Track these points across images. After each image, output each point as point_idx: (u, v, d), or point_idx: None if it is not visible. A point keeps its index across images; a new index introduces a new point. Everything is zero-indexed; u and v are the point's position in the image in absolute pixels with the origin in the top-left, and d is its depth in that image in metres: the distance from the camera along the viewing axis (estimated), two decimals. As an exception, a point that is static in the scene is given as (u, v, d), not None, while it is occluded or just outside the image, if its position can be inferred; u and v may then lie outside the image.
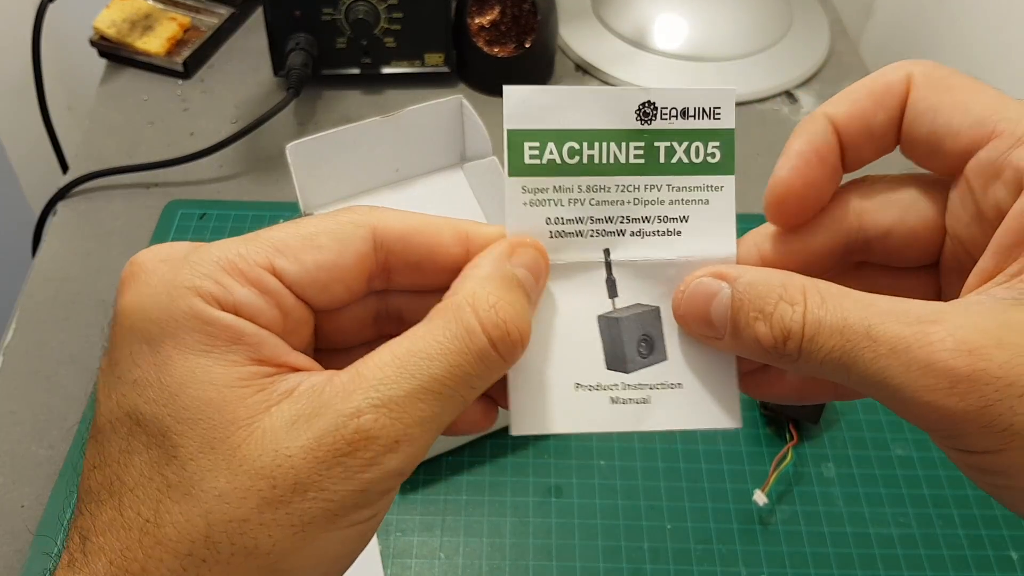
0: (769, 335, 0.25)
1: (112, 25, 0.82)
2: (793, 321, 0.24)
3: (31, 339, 0.63)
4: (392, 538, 0.53)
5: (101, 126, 0.79)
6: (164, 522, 0.23)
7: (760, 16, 0.88)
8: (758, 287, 0.26)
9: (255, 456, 0.23)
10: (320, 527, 0.23)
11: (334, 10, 0.76)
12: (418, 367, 0.24)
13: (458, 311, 0.25)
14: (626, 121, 0.28)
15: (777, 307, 0.25)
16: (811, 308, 0.24)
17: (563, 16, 0.83)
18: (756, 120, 0.81)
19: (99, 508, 0.24)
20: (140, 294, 0.25)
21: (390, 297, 0.29)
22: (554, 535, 0.53)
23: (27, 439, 0.57)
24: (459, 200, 0.62)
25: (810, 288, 0.25)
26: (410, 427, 0.24)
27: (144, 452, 0.24)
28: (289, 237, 0.26)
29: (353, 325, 0.29)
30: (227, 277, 0.25)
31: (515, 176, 0.28)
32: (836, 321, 0.24)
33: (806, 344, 0.24)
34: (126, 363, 0.25)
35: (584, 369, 0.28)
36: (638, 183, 0.28)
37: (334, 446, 0.23)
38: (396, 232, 0.27)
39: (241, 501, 0.23)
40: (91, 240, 0.70)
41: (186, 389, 0.24)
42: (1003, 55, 0.74)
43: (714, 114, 0.28)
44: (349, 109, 0.80)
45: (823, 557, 0.53)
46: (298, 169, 0.56)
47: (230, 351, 0.24)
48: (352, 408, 0.23)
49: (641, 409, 0.28)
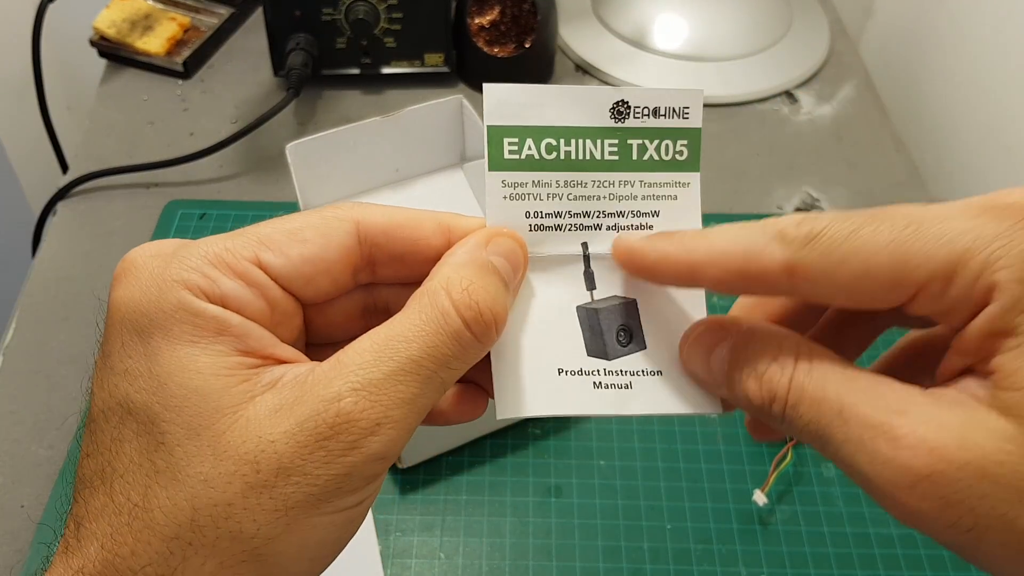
0: (758, 394, 0.25)
1: (112, 25, 0.82)
2: (780, 385, 0.25)
3: (31, 339, 0.63)
4: (392, 538, 0.53)
5: (101, 126, 0.79)
6: (152, 506, 0.24)
7: (760, 16, 0.88)
8: (755, 344, 0.26)
9: (239, 442, 0.24)
10: (304, 511, 0.24)
11: (334, 10, 0.76)
12: (395, 350, 0.25)
13: (433, 295, 0.26)
14: (601, 119, 0.29)
15: (769, 368, 0.25)
16: (798, 373, 0.25)
17: (563, 16, 0.83)
18: (756, 120, 0.81)
19: (92, 495, 0.25)
20: (131, 288, 0.25)
21: (377, 290, 0.30)
22: (554, 535, 0.53)
23: (27, 439, 0.57)
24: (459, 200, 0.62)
25: (803, 351, 0.25)
26: (390, 409, 0.24)
27: (134, 439, 0.24)
28: (275, 232, 0.27)
29: (342, 319, 0.29)
30: (214, 270, 0.25)
31: (495, 170, 0.29)
32: (816, 392, 0.24)
33: (788, 410, 0.25)
34: (118, 354, 0.25)
35: (566, 355, 0.29)
36: (613, 179, 0.29)
37: (316, 430, 0.24)
38: (379, 226, 0.28)
39: (226, 486, 0.23)
40: (91, 240, 0.70)
41: (173, 377, 0.24)
42: (1003, 55, 0.74)
43: (683, 113, 0.29)
44: (349, 109, 0.80)
45: (823, 557, 0.53)
46: (298, 169, 0.56)
47: (216, 341, 0.25)
48: (332, 392, 0.24)
49: (624, 394, 0.29)
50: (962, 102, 0.80)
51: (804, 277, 0.24)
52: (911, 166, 0.77)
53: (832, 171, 0.77)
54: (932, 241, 0.23)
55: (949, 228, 0.23)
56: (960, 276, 0.22)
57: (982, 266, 0.22)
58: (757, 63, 0.85)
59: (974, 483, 0.21)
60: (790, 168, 0.77)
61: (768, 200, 0.74)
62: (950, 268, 0.22)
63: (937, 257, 0.22)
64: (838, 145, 0.79)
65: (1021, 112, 0.72)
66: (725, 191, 0.74)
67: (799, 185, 0.75)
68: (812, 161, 0.77)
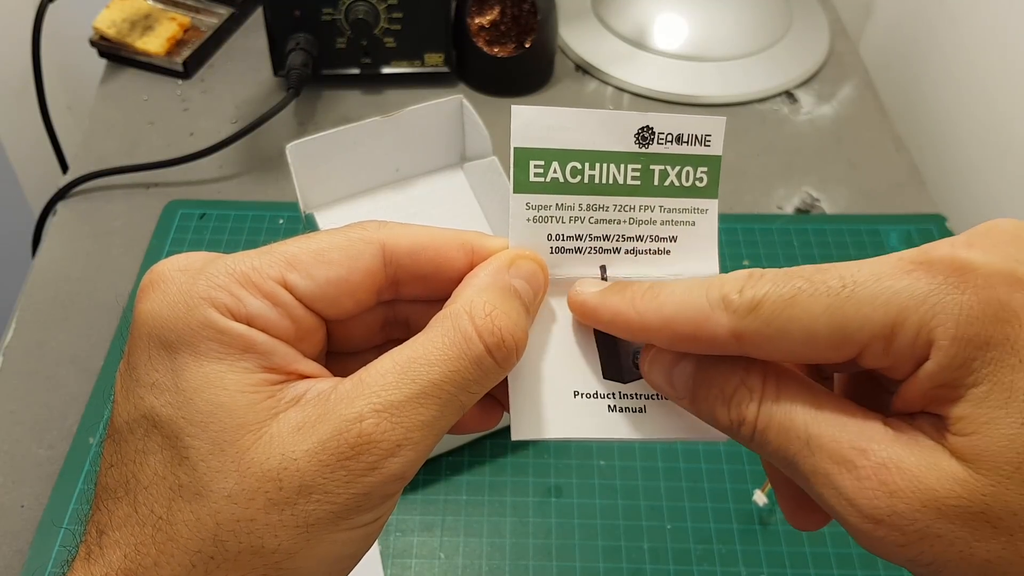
0: (727, 418, 0.26)
1: (112, 25, 0.82)
2: (749, 411, 0.25)
3: (31, 339, 0.63)
4: (392, 538, 0.53)
5: (101, 126, 0.79)
6: (176, 520, 0.24)
7: (760, 16, 0.88)
8: (721, 366, 0.26)
9: (263, 459, 0.24)
10: (324, 528, 0.24)
11: (334, 10, 0.76)
12: (418, 373, 0.25)
13: (456, 319, 0.26)
14: (626, 143, 0.29)
15: (737, 392, 0.26)
16: (767, 399, 0.25)
17: (563, 16, 0.83)
18: (756, 120, 0.81)
19: (115, 504, 0.25)
20: (158, 302, 0.26)
21: (398, 305, 0.30)
22: (554, 535, 0.53)
23: (27, 439, 0.57)
24: (459, 200, 0.62)
25: (770, 374, 0.25)
26: (411, 431, 0.25)
27: (159, 452, 0.25)
28: (301, 251, 0.27)
29: (362, 332, 0.30)
30: (241, 289, 0.26)
31: (520, 193, 0.29)
32: (783, 420, 0.25)
33: (758, 435, 0.25)
34: (144, 367, 0.26)
35: (582, 378, 0.29)
36: (634, 203, 0.29)
37: (338, 450, 0.24)
38: (405, 247, 0.28)
39: (248, 502, 0.24)
40: (91, 240, 0.70)
41: (200, 393, 0.25)
42: (1003, 55, 0.74)
43: (705, 141, 0.29)
44: (349, 109, 0.80)
45: (823, 557, 0.53)
46: (298, 169, 0.56)
47: (242, 359, 0.25)
48: (355, 413, 0.24)
49: (638, 418, 0.29)
50: (962, 102, 0.80)
51: (751, 344, 0.24)
52: (911, 166, 0.77)
53: (832, 171, 0.77)
54: (868, 304, 0.23)
55: (884, 288, 0.23)
56: (899, 336, 0.23)
57: (918, 325, 0.23)
58: (757, 63, 0.85)
59: (931, 523, 0.22)
60: (790, 168, 0.77)
61: (768, 200, 0.74)
62: (888, 329, 0.23)
63: (874, 319, 0.23)
64: (838, 145, 0.79)
65: (1021, 112, 0.72)
66: (725, 191, 0.74)
67: (799, 185, 0.75)
68: (812, 161, 0.77)
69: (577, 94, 0.83)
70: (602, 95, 0.83)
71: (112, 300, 0.65)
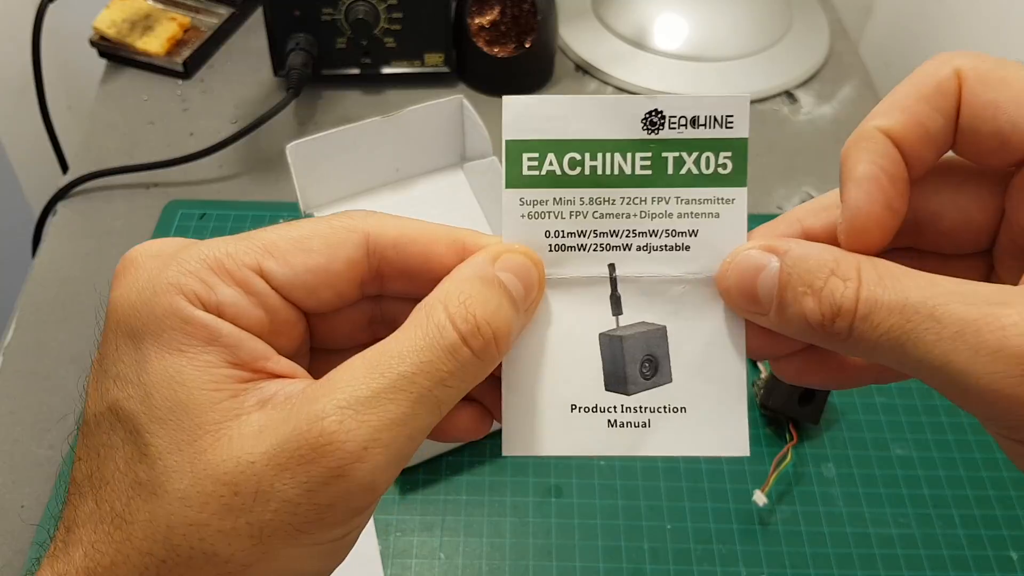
0: (817, 311, 0.24)
1: (112, 25, 0.82)
2: (845, 298, 0.24)
3: (31, 339, 0.63)
4: (392, 538, 0.53)
5: (101, 126, 0.79)
6: (133, 519, 0.23)
7: (760, 16, 0.87)
8: (808, 261, 0.25)
9: (219, 461, 0.23)
10: (282, 541, 0.23)
11: (334, 10, 0.76)
12: (387, 366, 0.23)
13: (430, 309, 0.24)
14: (631, 130, 0.27)
15: (828, 282, 0.24)
16: (866, 285, 0.23)
17: (563, 16, 0.83)
18: (756, 120, 0.81)
19: (81, 500, 0.24)
20: (128, 288, 0.25)
21: (385, 303, 0.28)
22: (554, 535, 0.53)
23: (27, 439, 0.57)
24: (459, 200, 0.62)
25: (866, 265, 0.24)
26: (378, 431, 0.23)
27: (121, 447, 0.24)
28: (280, 239, 0.26)
29: (347, 328, 0.28)
30: (212, 276, 0.25)
31: (512, 188, 0.27)
32: (895, 300, 0.23)
33: (859, 323, 0.23)
34: (111, 357, 0.25)
35: (581, 390, 0.27)
36: (645, 195, 0.27)
37: (297, 451, 0.22)
38: (390, 239, 0.26)
39: (202, 505, 0.23)
40: (91, 240, 0.70)
41: (159, 388, 0.23)
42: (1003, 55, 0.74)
43: (726, 123, 0.27)
44: (349, 109, 0.80)
45: (823, 557, 0.53)
46: (298, 169, 0.56)
47: (205, 351, 0.24)
48: (316, 411, 0.23)
49: (640, 433, 0.27)
50: (962, 102, 0.80)
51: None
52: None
53: (832, 171, 0.76)
54: None
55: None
56: None
57: None
58: (757, 63, 0.85)
59: None
60: (790, 168, 0.77)
61: (768, 200, 0.74)
62: None
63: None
64: (838, 145, 0.78)
65: (1021, 112, 0.72)
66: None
67: (799, 185, 0.75)
68: (812, 161, 0.77)
69: (577, 94, 0.83)
70: (602, 95, 0.83)
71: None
